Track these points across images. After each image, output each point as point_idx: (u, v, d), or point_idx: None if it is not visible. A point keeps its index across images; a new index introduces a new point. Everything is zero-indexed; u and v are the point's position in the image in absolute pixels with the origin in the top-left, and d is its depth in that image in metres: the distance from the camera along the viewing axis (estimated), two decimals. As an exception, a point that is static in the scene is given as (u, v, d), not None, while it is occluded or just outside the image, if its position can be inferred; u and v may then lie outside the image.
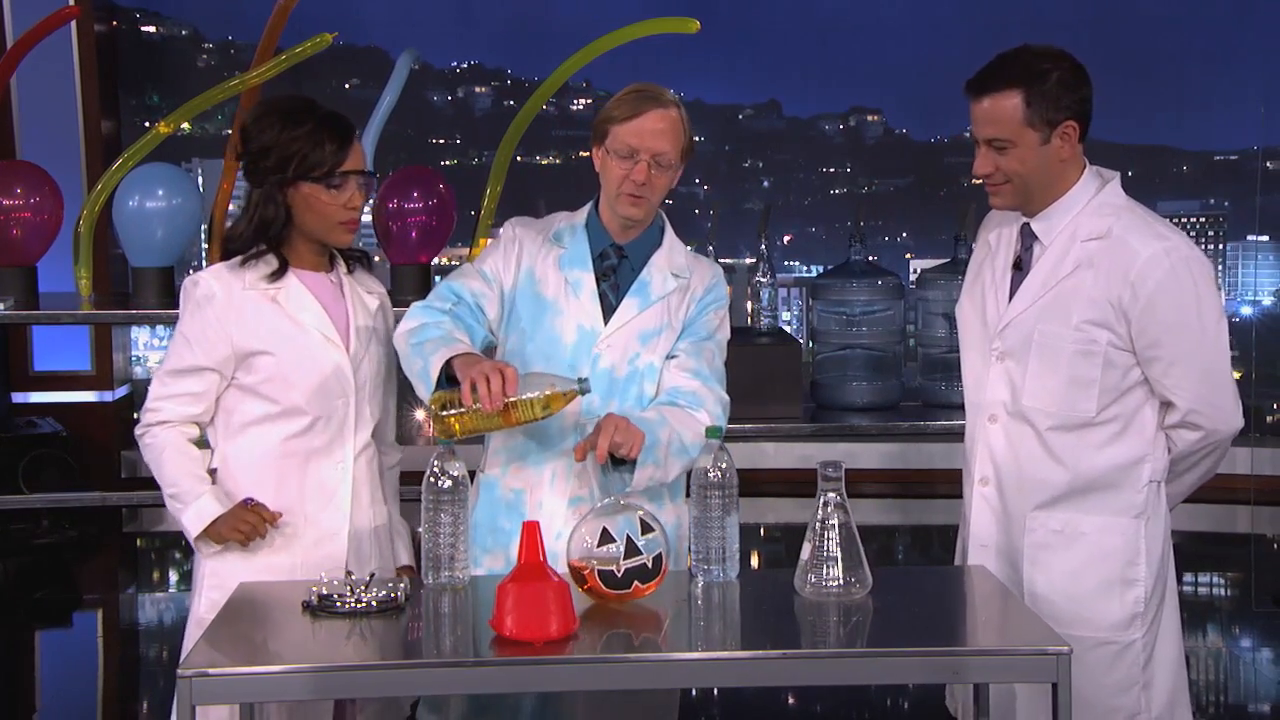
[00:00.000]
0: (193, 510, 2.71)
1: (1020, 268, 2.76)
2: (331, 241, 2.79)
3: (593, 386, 2.69)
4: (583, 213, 2.84)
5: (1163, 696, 2.78)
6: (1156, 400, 2.71)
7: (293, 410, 2.74)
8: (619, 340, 2.75)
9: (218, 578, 2.75)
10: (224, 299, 2.72)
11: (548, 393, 2.51)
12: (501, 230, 2.87)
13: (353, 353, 2.79)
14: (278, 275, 2.74)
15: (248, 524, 2.69)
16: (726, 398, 2.80)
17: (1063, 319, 2.66)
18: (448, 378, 2.53)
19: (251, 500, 2.73)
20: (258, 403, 2.74)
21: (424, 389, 2.57)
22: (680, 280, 2.81)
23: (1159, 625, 2.77)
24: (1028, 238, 2.76)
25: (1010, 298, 2.75)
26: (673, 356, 2.79)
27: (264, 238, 2.74)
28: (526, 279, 2.78)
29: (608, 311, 2.77)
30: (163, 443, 2.74)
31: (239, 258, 2.75)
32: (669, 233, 2.85)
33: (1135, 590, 2.72)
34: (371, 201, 5.31)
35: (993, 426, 2.76)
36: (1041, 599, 2.71)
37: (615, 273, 2.79)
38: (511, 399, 2.47)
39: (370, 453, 2.85)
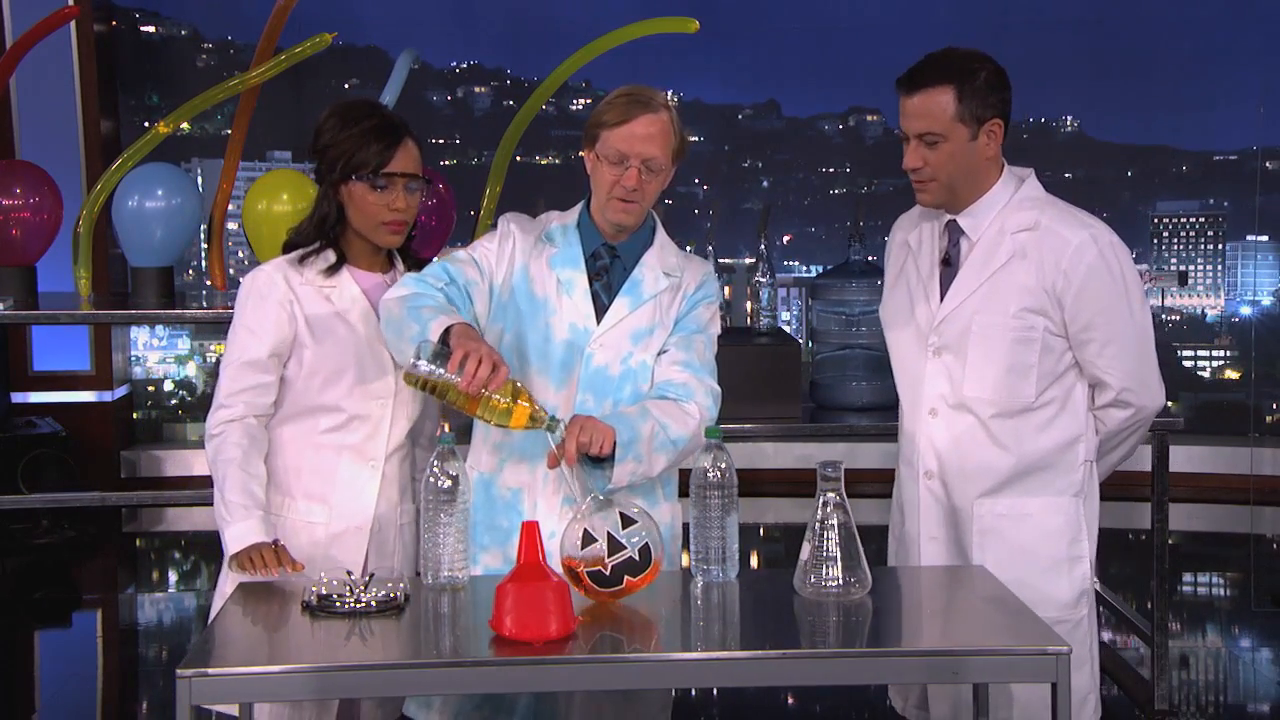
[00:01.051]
0: (236, 530, 2.69)
1: (949, 264, 2.84)
2: (377, 241, 2.84)
3: (587, 386, 2.73)
4: (574, 213, 2.85)
5: (1097, 672, 2.89)
6: (1086, 382, 2.82)
7: (331, 406, 2.79)
8: (611, 339, 2.76)
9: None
10: (284, 288, 2.78)
11: (516, 406, 2.49)
12: (498, 224, 2.87)
13: None
14: (334, 270, 2.81)
15: (260, 560, 2.65)
16: (718, 389, 2.80)
17: (1000, 309, 2.76)
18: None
19: (279, 542, 2.71)
20: (299, 395, 2.80)
21: (410, 352, 2.54)
22: (672, 279, 2.82)
23: (1092, 602, 2.88)
24: (954, 234, 2.84)
25: (942, 294, 2.83)
26: (664, 351, 2.80)
27: (321, 234, 2.82)
28: (519, 276, 2.78)
29: (600, 311, 2.77)
30: (230, 450, 2.74)
31: (299, 253, 2.82)
32: (660, 232, 2.86)
33: (1081, 567, 2.83)
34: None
35: (934, 420, 2.84)
36: None
37: (608, 272, 2.80)
38: (486, 393, 2.46)
39: (404, 452, 2.88)
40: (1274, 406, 7.54)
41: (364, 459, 2.82)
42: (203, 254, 7.27)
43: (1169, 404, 2.95)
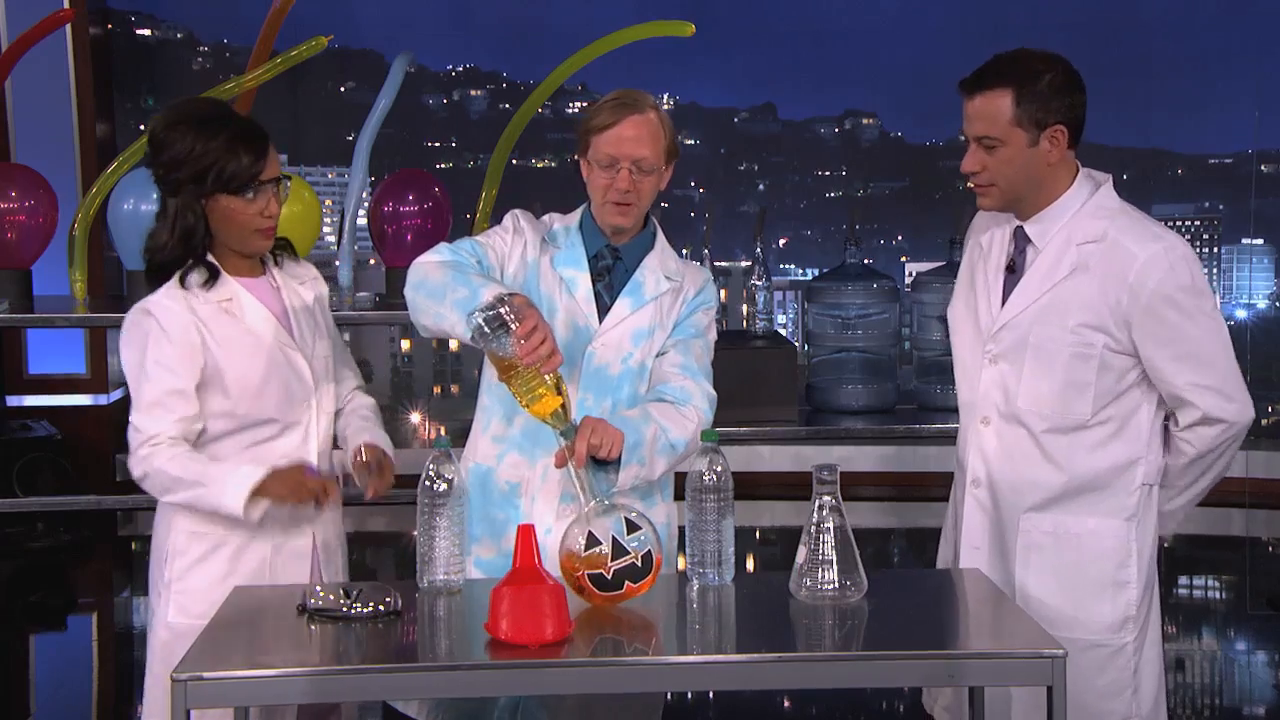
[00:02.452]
0: (232, 483, 2.61)
1: (1014, 270, 2.77)
2: (248, 249, 2.74)
3: (587, 385, 2.74)
4: (576, 215, 2.86)
5: (1149, 701, 2.78)
6: (1154, 402, 2.72)
7: (263, 420, 2.73)
8: (613, 339, 2.77)
9: (184, 581, 2.76)
10: (185, 320, 2.66)
11: (548, 395, 2.49)
12: (505, 221, 2.85)
13: (304, 353, 2.78)
14: (212, 282, 2.70)
15: (308, 489, 2.63)
16: (714, 393, 2.82)
17: (1059, 322, 2.67)
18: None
19: (310, 468, 2.71)
20: (225, 420, 2.71)
21: (458, 316, 2.52)
22: (673, 283, 2.84)
23: (1147, 628, 2.78)
24: (1021, 240, 2.76)
25: (1004, 300, 2.75)
26: (662, 353, 2.82)
27: (187, 248, 2.69)
28: (527, 273, 2.79)
29: (602, 311, 2.78)
30: (163, 454, 2.63)
31: (175, 279, 2.69)
32: (660, 236, 2.88)
33: (1128, 593, 2.73)
34: (367, 203, 5.32)
35: (985, 429, 2.76)
36: (1034, 601, 2.71)
37: (610, 273, 2.82)
38: (529, 370, 2.46)
39: (328, 447, 2.85)
40: (1269, 410, 7.56)
41: (295, 460, 2.76)
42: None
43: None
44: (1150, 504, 2.76)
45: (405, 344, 8.26)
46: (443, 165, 8.34)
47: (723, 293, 4.58)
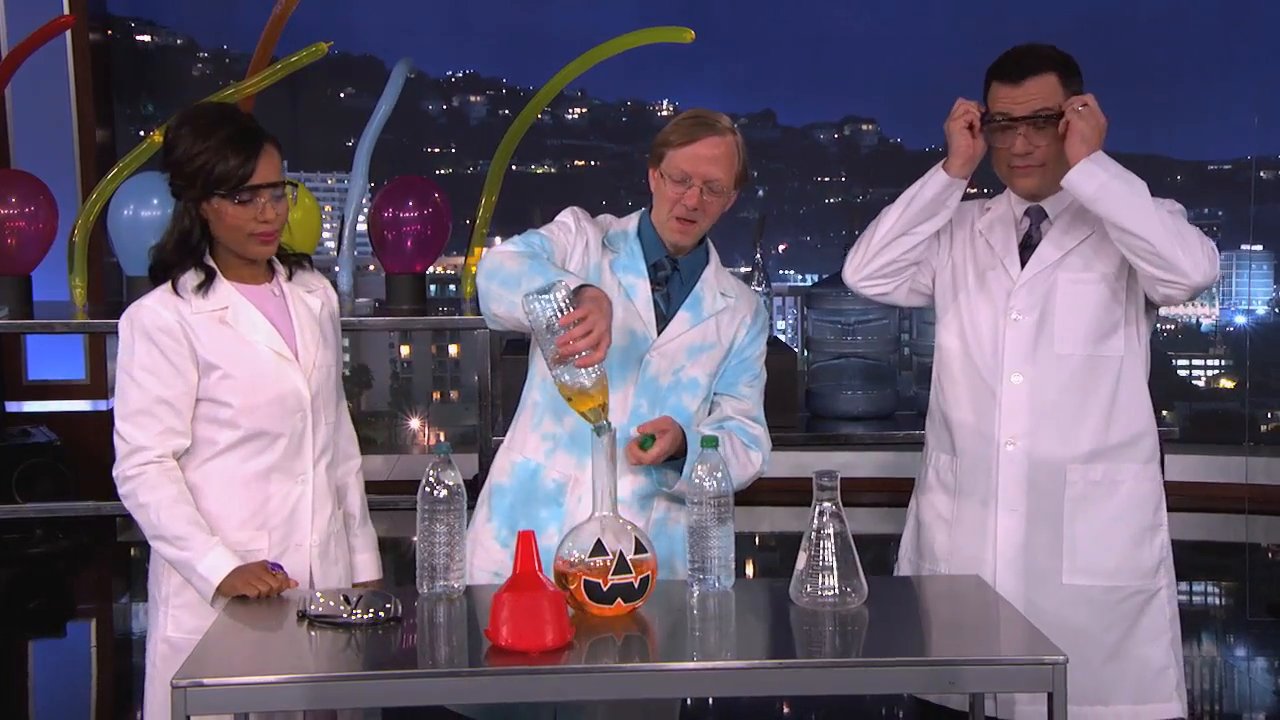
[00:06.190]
0: (207, 564, 2.59)
1: (1029, 247, 2.89)
2: (248, 255, 2.70)
3: (641, 392, 2.77)
4: (633, 221, 2.86)
5: (1179, 649, 2.94)
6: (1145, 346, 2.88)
7: (257, 433, 2.68)
8: (670, 350, 2.79)
9: (181, 597, 2.72)
10: (178, 326, 2.64)
11: (590, 387, 2.49)
12: (565, 218, 2.83)
13: (303, 364, 2.73)
14: (206, 285, 2.67)
15: (266, 585, 2.58)
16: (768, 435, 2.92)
17: (1084, 270, 2.83)
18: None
19: (272, 564, 2.64)
20: (222, 430, 2.67)
21: (519, 301, 2.54)
22: (728, 300, 2.86)
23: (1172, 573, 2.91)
24: (1036, 217, 2.90)
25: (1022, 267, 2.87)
26: (733, 387, 2.87)
27: (184, 252, 2.68)
28: (587, 275, 2.76)
29: (659, 320, 2.79)
30: (157, 487, 2.60)
31: (169, 284, 2.68)
32: (714, 253, 2.90)
33: (1160, 536, 2.87)
34: (367, 209, 5.32)
35: (1018, 384, 2.81)
36: (1080, 554, 2.80)
37: (668, 283, 2.82)
38: (574, 362, 2.46)
39: (327, 460, 2.79)
40: (1269, 415, 7.56)
41: (292, 476, 2.72)
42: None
43: (1164, 413, 2.95)
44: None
45: (405, 350, 8.26)
46: (442, 171, 8.34)
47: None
